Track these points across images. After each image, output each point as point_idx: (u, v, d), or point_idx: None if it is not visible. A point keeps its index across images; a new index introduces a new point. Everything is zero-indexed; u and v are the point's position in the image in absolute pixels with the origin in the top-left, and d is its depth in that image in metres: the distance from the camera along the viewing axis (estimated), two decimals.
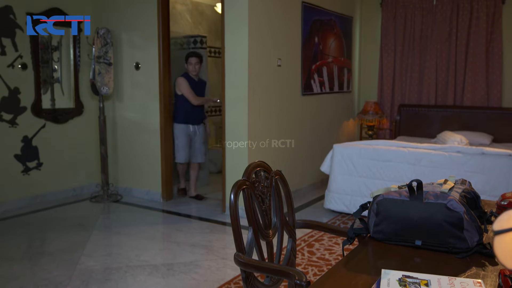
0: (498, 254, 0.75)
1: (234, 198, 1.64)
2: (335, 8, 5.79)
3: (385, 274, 1.24)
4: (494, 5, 5.68)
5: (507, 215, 0.77)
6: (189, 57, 4.84)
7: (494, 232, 0.76)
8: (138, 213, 4.62)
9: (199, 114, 5.01)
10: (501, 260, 0.75)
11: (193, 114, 4.93)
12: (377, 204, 1.60)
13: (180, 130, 4.93)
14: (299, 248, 3.54)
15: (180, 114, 4.91)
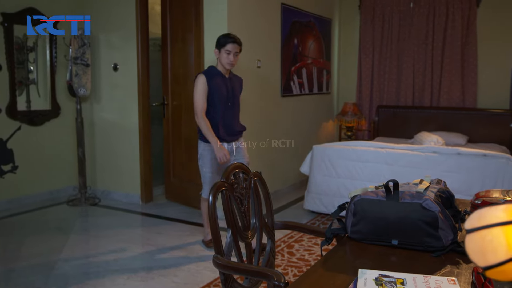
0: (470, 252, 0.77)
1: (213, 200, 1.63)
2: (314, 10, 5.83)
3: (362, 273, 1.26)
4: (469, 8, 5.81)
5: (478, 214, 0.79)
6: (227, 42, 3.30)
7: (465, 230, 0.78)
8: (117, 216, 4.56)
9: (235, 124, 3.51)
10: (472, 258, 0.77)
11: (228, 126, 3.43)
12: (354, 204, 1.62)
13: (209, 152, 3.42)
14: (279, 249, 3.55)
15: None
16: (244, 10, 4.49)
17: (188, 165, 4.78)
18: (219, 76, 3.38)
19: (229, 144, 3.46)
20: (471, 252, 0.77)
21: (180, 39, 4.71)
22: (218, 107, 3.37)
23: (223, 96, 3.38)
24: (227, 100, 3.41)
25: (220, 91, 3.35)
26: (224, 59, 3.33)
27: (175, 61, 4.81)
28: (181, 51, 4.72)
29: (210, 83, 3.32)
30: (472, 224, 0.77)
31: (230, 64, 3.33)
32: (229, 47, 3.28)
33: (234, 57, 3.32)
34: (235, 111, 3.52)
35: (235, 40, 3.31)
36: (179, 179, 4.95)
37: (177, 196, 4.99)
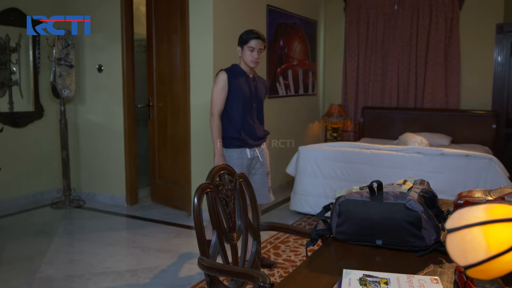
0: (451, 251, 0.78)
1: (198, 201, 1.63)
2: (299, 12, 5.86)
3: (346, 274, 1.27)
4: (452, 11, 5.89)
5: (459, 213, 0.80)
6: (250, 38, 2.99)
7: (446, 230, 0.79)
8: (102, 219, 4.52)
9: (258, 128, 3.19)
10: (453, 257, 0.78)
11: (250, 130, 3.11)
12: (339, 205, 1.63)
13: (232, 160, 3.08)
14: (265, 250, 3.55)
15: (228, 132, 3.09)
16: (229, 11, 4.49)
17: (173, 167, 4.76)
18: (242, 76, 3.07)
19: (251, 149, 3.13)
20: (452, 251, 0.78)
21: (166, 40, 4.69)
22: (239, 109, 3.06)
23: (246, 97, 3.06)
24: (250, 101, 3.10)
25: (243, 91, 3.04)
26: (247, 57, 3.01)
27: (161, 62, 4.79)
28: (167, 52, 4.70)
29: (231, 82, 3.02)
30: (452, 224, 0.78)
31: (254, 62, 3.02)
32: (252, 44, 2.97)
33: (258, 54, 3.00)
34: (259, 114, 3.20)
35: (258, 35, 2.99)
36: (164, 181, 4.92)
37: (162, 198, 4.97)
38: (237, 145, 3.07)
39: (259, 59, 3.03)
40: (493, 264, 0.73)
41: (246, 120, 3.09)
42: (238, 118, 3.06)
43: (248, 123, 3.09)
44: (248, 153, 3.11)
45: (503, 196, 1.88)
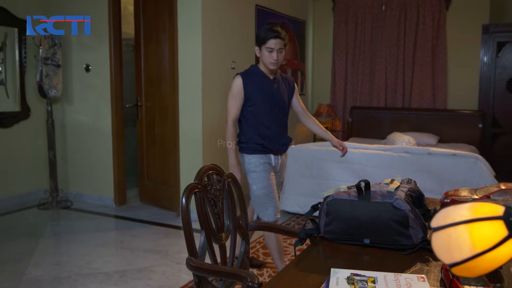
0: (436, 249, 0.79)
1: (186, 201, 1.62)
2: (288, 12, 5.87)
3: (334, 273, 1.27)
4: (439, 12, 5.94)
5: (444, 212, 0.81)
6: (268, 38, 2.70)
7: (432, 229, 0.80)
8: (90, 220, 4.48)
9: (281, 136, 2.92)
10: (438, 256, 0.79)
11: (271, 137, 2.84)
12: (327, 204, 1.64)
13: (258, 166, 2.83)
14: (254, 250, 3.55)
15: (250, 138, 2.84)
16: (218, 11, 4.48)
17: (162, 167, 4.74)
18: (261, 77, 2.80)
19: (276, 156, 2.89)
20: (438, 249, 0.79)
21: (154, 40, 4.67)
22: (260, 114, 2.80)
23: (266, 101, 2.80)
24: (271, 106, 2.82)
25: (261, 94, 2.78)
26: (266, 58, 2.73)
27: (149, 62, 4.77)
28: (155, 52, 4.68)
29: (248, 87, 2.76)
30: (438, 222, 0.79)
31: (274, 63, 2.73)
32: (271, 44, 2.68)
33: (278, 55, 2.71)
34: (282, 117, 2.91)
35: (278, 34, 2.69)
36: (153, 181, 4.90)
37: (151, 199, 4.94)
38: (261, 151, 2.82)
39: (279, 60, 2.74)
40: (477, 262, 0.74)
41: (267, 127, 2.82)
42: (259, 124, 2.81)
43: (269, 130, 2.82)
44: (272, 160, 2.87)
45: (489, 195, 1.91)
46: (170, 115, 4.51)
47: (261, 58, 2.77)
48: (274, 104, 2.84)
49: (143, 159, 5.00)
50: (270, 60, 2.72)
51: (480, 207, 0.76)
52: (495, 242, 0.72)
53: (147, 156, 4.94)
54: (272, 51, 2.70)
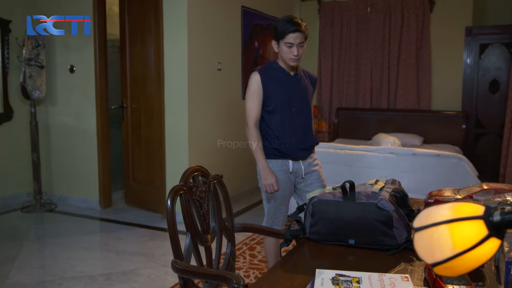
0: (418, 249, 0.79)
1: (171, 203, 1.61)
2: (274, 13, 5.88)
3: (319, 273, 1.27)
4: (423, 14, 6.01)
5: (426, 212, 0.82)
6: (286, 32, 2.42)
7: (414, 229, 0.80)
8: (74, 222, 4.43)
9: (303, 137, 2.61)
10: (420, 255, 0.79)
11: (292, 138, 2.56)
12: (312, 205, 1.64)
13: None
14: (241, 252, 3.55)
15: (265, 141, 2.59)
16: (204, 12, 4.48)
17: (147, 169, 4.71)
18: (280, 73, 2.54)
19: (296, 162, 2.57)
20: (420, 249, 0.79)
21: (139, 41, 4.64)
22: (278, 113, 2.53)
23: (285, 99, 2.53)
24: (290, 104, 2.54)
25: (280, 92, 2.52)
26: (285, 54, 2.46)
27: (134, 63, 4.73)
28: (140, 53, 4.65)
29: (266, 82, 2.51)
30: (420, 222, 0.80)
31: (294, 60, 2.46)
32: (290, 39, 2.41)
33: (298, 50, 2.43)
34: (303, 119, 2.60)
35: (298, 27, 2.40)
36: (138, 183, 4.87)
37: (137, 201, 4.91)
38: (277, 156, 2.54)
39: (300, 56, 2.46)
40: (458, 261, 0.74)
41: (287, 127, 2.54)
42: (276, 125, 2.54)
43: (289, 130, 2.54)
44: (290, 166, 2.56)
45: (471, 195, 1.93)
46: (156, 117, 4.49)
47: (280, 53, 2.50)
48: (294, 104, 2.55)
49: (128, 161, 4.96)
50: (289, 56, 2.45)
51: (461, 207, 0.77)
52: (476, 241, 0.73)
53: (133, 158, 4.90)
54: (291, 46, 2.43)
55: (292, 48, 2.42)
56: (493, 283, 1.29)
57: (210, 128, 4.68)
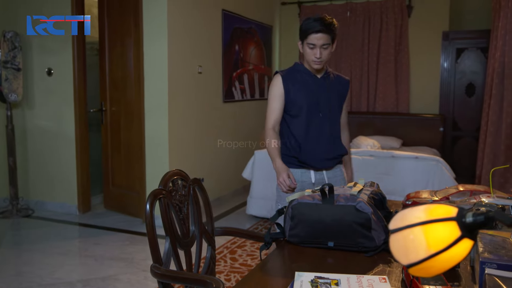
0: (394, 251, 0.81)
1: (150, 208, 1.60)
2: (255, 17, 5.90)
3: (298, 276, 1.28)
4: (401, 18, 6.11)
5: (401, 214, 0.83)
6: (309, 32, 2.22)
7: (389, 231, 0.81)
8: (52, 228, 4.35)
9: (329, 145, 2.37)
10: (396, 257, 0.80)
11: (316, 146, 2.34)
12: (292, 208, 1.65)
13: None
14: (222, 256, 3.54)
15: (287, 148, 2.37)
16: (184, 15, 4.46)
17: (127, 173, 4.66)
18: (305, 76, 2.34)
19: (318, 172, 2.35)
20: (395, 251, 0.80)
21: (119, 43, 4.60)
22: (301, 119, 2.32)
23: (311, 103, 2.31)
24: (316, 109, 2.32)
25: (305, 96, 2.31)
26: (308, 56, 2.26)
27: (114, 66, 4.69)
28: (120, 56, 4.60)
29: (288, 86, 2.31)
30: (395, 224, 0.81)
31: (317, 63, 2.25)
32: (312, 39, 2.20)
33: (321, 52, 2.22)
34: (330, 125, 2.36)
35: (322, 27, 2.18)
36: (118, 187, 4.81)
37: (116, 205, 4.85)
38: (297, 165, 2.34)
39: (324, 58, 2.25)
40: (433, 262, 0.76)
41: (311, 134, 2.33)
42: (299, 131, 2.33)
43: (313, 137, 2.33)
44: (312, 177, 2.34)
45: (448, 196, 1.97)
46: (136, 120, 4.45)
47: (304, 54, 2.31)
48: (319, 109, 2.33)
49: (108, 165, 4.90)
50: (312, 58, 2.25)
51: (434, 209, 0.79)
52: (449, 242, 0.75)
53: (112, 162, 4.84)
54: (314, 48, 2.22)
55: (315, 50, 2.22)
56: (468, 283, 1.31)
57: (191, 132, 4.66)
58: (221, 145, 5.08)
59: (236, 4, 5.42)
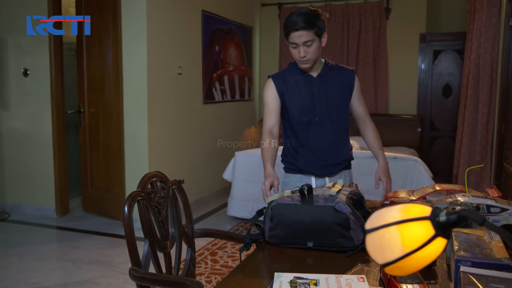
0: (370, 250, 0.82)
1: (128, 210, 1.59)
2: (235, 18, 5.90)
3: (277, 277, 1.28)
4: (380, 21, 6.19)
5: (377, 214, 0.84)
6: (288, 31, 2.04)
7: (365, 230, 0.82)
8: (29, 232, 4.27)
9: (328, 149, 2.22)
10: (372, 256, 0.81)
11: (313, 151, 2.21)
12: (271, 209, 1.65)
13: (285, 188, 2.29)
14: (203, 257, 3.53)
15: (286, 154, 2.33)
16: (163, 16, 4.43)
17: (106, 175, 4.60)
18: (297, 76, 2.18)
19: (320, 179, 2.24)
20: (371, 250, 0.81)
21: (97, 44, 4.54)
22: (296, 123, 2.20)
23: (304, 107, 2.16)
24: (311, 113, 2.16)
25: (297, 99, 2.17)
26: (294, 56, 2.10)
27: (92, 67, 4.62)
28: (98, 56, 4.55)
29: (281, 89, 2.18)
30: (371, 224, 0.82)
31: (303, 62, 2.08)
32: (293, 38, 2.02)
33: (305, 50, 2.03)
34: (331, 129, 2.19)
35: (302, 24, 1.98)
36: (97, 190, 4.74)
37: (95, 208, 4.78)
38: (296, 171, 2.24)
39: (311, 56, 2.06)
40: (408, 260, 0.77)
41: (307, 138, 2.19)
42: (295, 136, 2.22)
43: (310, 142, 2.19)
44: (313, 183, 2.22)
45: (425, 196, 2.00)
46: (115, 121, 4.40)
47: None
48: (314, 109, 2.16)
49: (86, 167, 4.83)
50: (296, 57, 2.08)
51: (409, 208, 0.80)
52: (424, 241, 0.76)
53: (91, 164, 4.78)
54: (296, 47, 2.04)
55: (298, 49, 2.04)
56: (444, 280, 1.33)
57: (171, 133, 4.63)
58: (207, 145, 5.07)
59: (216, 5, 5.41)
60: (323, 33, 2.06)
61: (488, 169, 4.65)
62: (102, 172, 4.65)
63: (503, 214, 1.66)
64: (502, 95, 4.14)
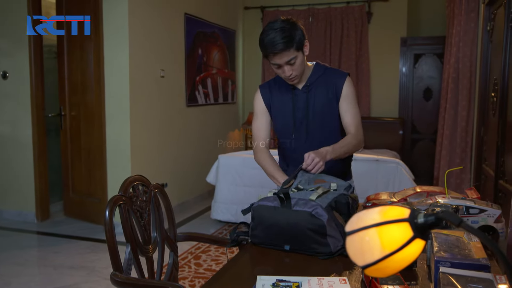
0: (350, 253, 0.82)
1: (109, 214, 1.57)
2: (218, 21, 5.90)
3: (260, 280, 1.28)
4: (362, 25, 6.26)
5: (357, 217, 0.85)
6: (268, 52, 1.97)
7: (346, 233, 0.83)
8: (8, 237, 4.19)
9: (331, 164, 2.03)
10: (352, 259, 0.82)
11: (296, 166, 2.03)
12: (253, 209, 1.66)
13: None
14: (186, 261, 3.51)
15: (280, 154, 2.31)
16: (146, 18, 4.41)
17: (88, 179, 4.55)
18: (283, 90, 2.13)
19: None
20: (352, 253, 0.82)
21: (78, 46, 4.49)
22: (283, 134, 2.17)
23: (290, 117, 2.11)
24: (298, 123, 2.11)
25: (282, 112, 2.13)
26: (279, 75, 2.07)
27: (73, 69, 4.57)
28: (79, 59, 4.50)
29: (268, 100, 2.15)
30: (351, 226, 0.83)
31: (291, 80, 2.04)
32: (275, 60, 1.96)
33: (291, 69, 1.97)
34: (320, 138, 2.09)
35: (281, 46, 1.91)
36: (79, 194, 4.68)
37: (77, 212, 4.72)
38: None
39: (297, 73, 2.00)
40: (387, 262, 0.78)
41: (292, 149, 2.14)
42: (285, 152, 2.20)
43: (295, 152, 2.11)
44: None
45: (406, 198, 2.02)
46: (97, 125, 4.35)
47: None
48: (300, 121, 2.10)
49: (67, 171, 4.77)
50: (282, 76, 2.04)
51: (388, 210, 0.81)
52: (402, 243, 0.77)
53: (72, 168, 4.71)
54: (280, 67, 1.99)
55: (282, 69, 1.98)
56: (425, 281, 1.35)
57: (153, 137, 4.60)
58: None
59: (198, 8, 5.40)
60: (304, 43, 1.99)
61: (468, 171, 4.73)
62: (84, 176, 4.59)
63: (481, 215, 1.69)
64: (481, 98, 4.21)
